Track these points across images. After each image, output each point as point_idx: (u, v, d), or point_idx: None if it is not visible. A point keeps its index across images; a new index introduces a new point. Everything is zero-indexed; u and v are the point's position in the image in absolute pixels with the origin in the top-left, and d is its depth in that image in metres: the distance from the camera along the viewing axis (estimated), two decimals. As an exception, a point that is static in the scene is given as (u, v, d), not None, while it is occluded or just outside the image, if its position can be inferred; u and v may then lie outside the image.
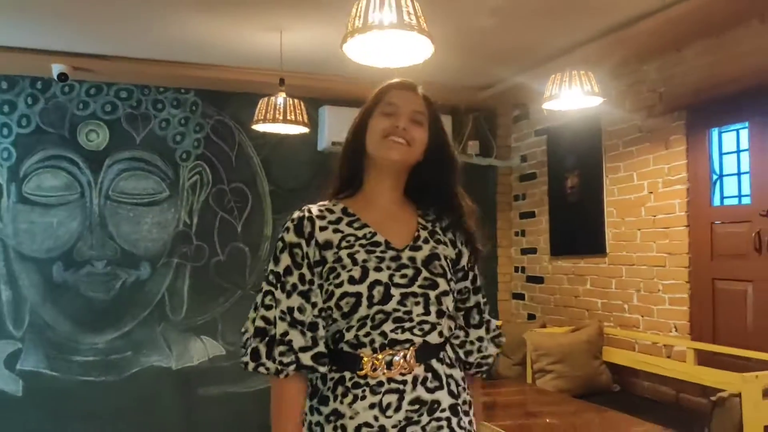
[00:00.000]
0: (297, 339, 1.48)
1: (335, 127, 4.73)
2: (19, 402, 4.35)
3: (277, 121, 3.61)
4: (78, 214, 4.50)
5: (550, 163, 4.94)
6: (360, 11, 2.20)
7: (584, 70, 3.35)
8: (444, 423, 1.49)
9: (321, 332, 1.50)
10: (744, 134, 3.48)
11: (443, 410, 1.50)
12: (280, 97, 3.66)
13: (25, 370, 4.37)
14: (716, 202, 3.64)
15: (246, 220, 4.86)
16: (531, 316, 5.10)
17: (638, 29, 3.43)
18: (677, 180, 3.80)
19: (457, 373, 1.58)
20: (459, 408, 1.54)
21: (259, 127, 3.79)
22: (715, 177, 3.66)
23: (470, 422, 1.58)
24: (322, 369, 1.49)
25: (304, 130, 3.77)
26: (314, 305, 1.50)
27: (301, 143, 4.70)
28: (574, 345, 4.03)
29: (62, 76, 4.12)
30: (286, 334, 1.48)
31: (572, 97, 3.33)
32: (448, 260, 1.58)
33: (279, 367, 1.47)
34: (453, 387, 1.54)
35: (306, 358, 1.48)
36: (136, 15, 3.45)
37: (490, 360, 1.67)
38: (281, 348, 1.48)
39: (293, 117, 3.63)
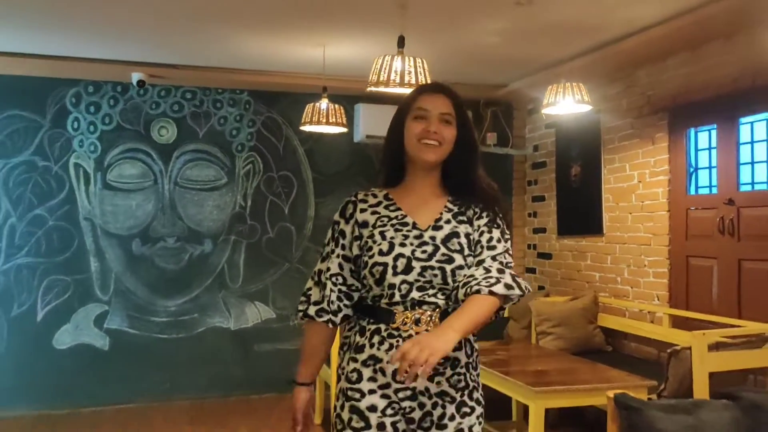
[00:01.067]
0: (315, 294, 1.86)
1: (369, 122, 5.43)
2: (105, 355, 5.23)
3: (321, 124, 4.35)
4: (152, 198, 5.33)
5: (558, 153, 5.59)
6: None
7: (576, 82, 4.00)
8: (462, 377, 1.80)
9: (334, 294, 1.83)
10: (714, 134, 4.10)
11: (462, 366, 1.80)
12: (323, 103, 4.40)
13: (111, 329, 5.25)
14: (692, 191, 4.27)
15: (292, 203, 5.64)
16: (541, 287, 5.79)
17: (625, 45, 4.06)
18: (661, 171, 4.44)
19: (471, 336, 1.85)
20: (471, 365, 1.84)
21: (306, 128, 4.54)
22: (691, 170, 4.29)
23: (478, 375, 1.88)
24: (319, 320, 1.83)
25: (343, 130, 4.50)
26: (340, 270, 1.84)
27: (339, 136, 5.38)
28: (571, 311, 4.73)
29: (141, 83, 4.92)
30: (309, 289, 1.88)
31: (566, 105, 3.99)
32: (469, 238, 1.81)
33: (303, 313, 1.87)
34: (468, 348, 1.83)
35: (312, 310, 1.85)
36: (199, 32, 4.18)
37: (494, 281, 1.71)
38: (302, 299, 1.88)
39: (334, 120, 4.36)
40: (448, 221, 1.83)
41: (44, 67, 4.80)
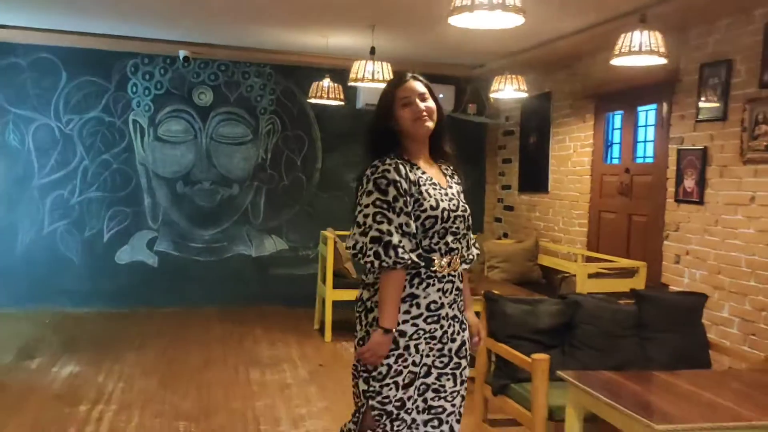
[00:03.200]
0: (407, 244, 2.09)
1: (367, 92, 6.67)
2: (155, 271, 6.71)
3: (323, 98, 5.64)
4: (193, 149, 6.71)
5: (521, 124, 6.80)
6: None
7: (516, 74, 5.21)
8: (462, 302, 2.31)
9: (416, 241, 2.13)
10: (621, 118, 5.29)
11: (461, 293, 2.30)
12: (326, 81, 5.67)
13: (159, 250, 6.71)
14: (606, 161, 5.49)
15: (303, 157, 6.97)
16: (505, 234, 7.09)
17: (557, 45, 5.24)
18: (588, 144, 5.66)
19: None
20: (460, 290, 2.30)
21: (312, 101, 5.83)
22: (607, 144, 5.50)
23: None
24: (422, 263, 2.12)
25: (341, 104, 5.79)
26: (413, 222, 2.12)
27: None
28: (515, 251, 6.02)
29: (186, 58, 6.25)
30: (401, 241, 2.07)
31: (507, 92, 5.21)
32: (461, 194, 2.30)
33: (398, 261, 2.06)
34: (459, 278, 2.28)
35: (414, 257, 2.10)
36: (232, 20, 5.40)
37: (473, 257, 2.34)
38: (399, 250, 2.06)
39: (334, 95, 5.65)
40: (449, 181, 2.29)
41: (111, 43, 6.14)
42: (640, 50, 3.54)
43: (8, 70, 6.26)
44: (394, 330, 2.10)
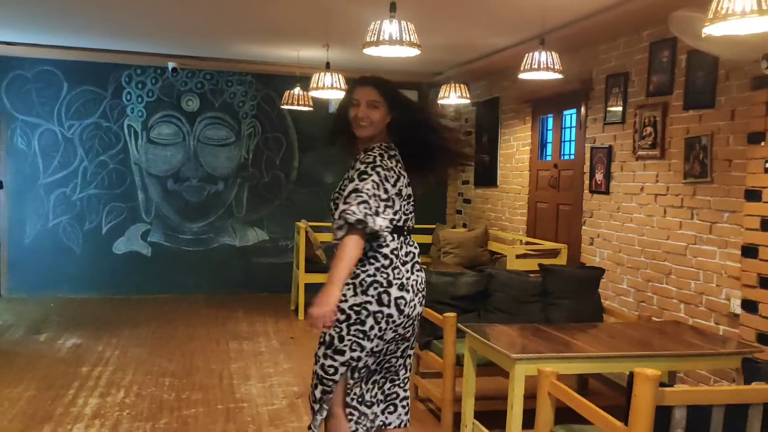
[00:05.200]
0: (388, 216, 2.49)
1: (339, 99, 7.45)
2: (148, 260, 7.48)
3: (294, 105, 6.41)
4: (181, 150, 7.48)
5: (477, 125, 7.57)
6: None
7: (460, 83, 5.97)
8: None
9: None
10: (551, 120, 6.07)
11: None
12: (297, 90, 6.44)
13: (152, 241, 7.49)
14: (541, 158, 6.26)
15: (282, 156, 7.74)
16: (464, 225, 7.86)
17: (494, 58, 6.00)
18: (527, 144, 6.43)
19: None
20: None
21: (285, 107, 6.60)
22: (542, 143, 6.27)
23: (346, 286, 2.54)
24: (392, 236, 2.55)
25: (310, 109, 6.55)
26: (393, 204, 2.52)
27: (317, 107, 7.42)
28: (467, 238, 6.79)
29: (174, 70, 7.02)
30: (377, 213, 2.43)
31: (453, 98, 5.98)
32: (346, 181, 2.57)
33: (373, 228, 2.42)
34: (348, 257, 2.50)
35: (385, 228, 2.49)
36: (216, 36, 6.19)
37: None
38: (378, 219, 2.42)
39: (304, 102, 6.41)
40: (349, 172, 2.61)
41: (107, 56, 6.91)
42: (539, 67, 4.31)
43: (15, 81, 7.03)
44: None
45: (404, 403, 2.81)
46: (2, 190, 7.05)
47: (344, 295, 2.50)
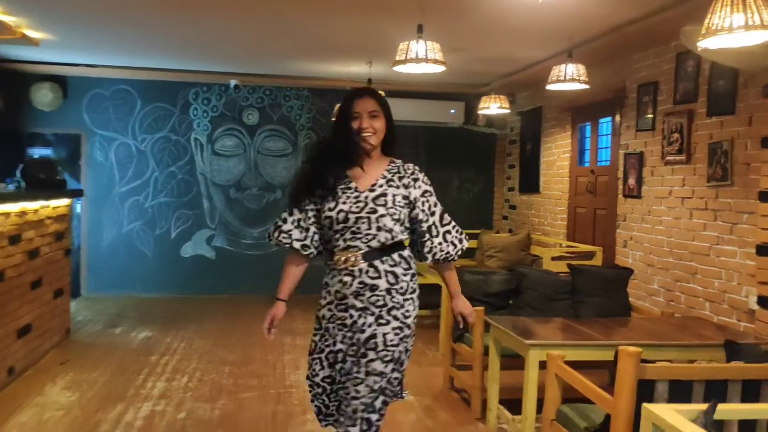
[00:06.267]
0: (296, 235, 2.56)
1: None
2: (213, 262, 8.06)
3: (344, 117, 6.84)
4: (243, 161, 8.05)
5: (521, 134, 7.83)
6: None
7: (504, 94, 6.28)
8: (381, 297, 2.46)
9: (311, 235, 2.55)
10: (589, 128, 6.29)
11: (380, 290, 2.45)
12: (347, 103, 6.87)
13: (216, 246, 8.07)
14: (580, 164, 6.48)
15: (335, 166, 8.19)
16: (510, 230, 8.12)
17: (533, 69, 6.28)
18: (567, 150, 6.66)
19: (399, 270, 2.48)
20: (394, 290, 2.46)
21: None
22: (581, 150, 6.49)
23: (405, 299, 2.49)
24: (304, 252, 2.57)
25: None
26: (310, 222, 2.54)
27: (367, 120, 7.88)
28: (510, 243, 7.05)
29: (236, 87, 7.59)
30: (288, 229, 2.56)
31: (493, 109, 6.29)
32: (396, 197, 2.47)
33: (276, 242, 2.60)
34: (391, 278, 2.46)
35: (297, 244, 2.56)
36: (274, 56, 6.74)
37: (450, 253, 2.60)
38: (283, 235, 2.56)
39: (353, 114, 6.84)
40: (381, 185, 2.49)
41: (176, 75, 7.55)
42: (566, 78, 4.59)
43: (95, 99, 7.75)
44: (279, 297, 2.75)
45: None
46: (83, 199, 7.77)
47: (408, 310, 2.52)
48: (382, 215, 2.44)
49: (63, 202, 5.47)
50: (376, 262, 2.45)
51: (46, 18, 5.22)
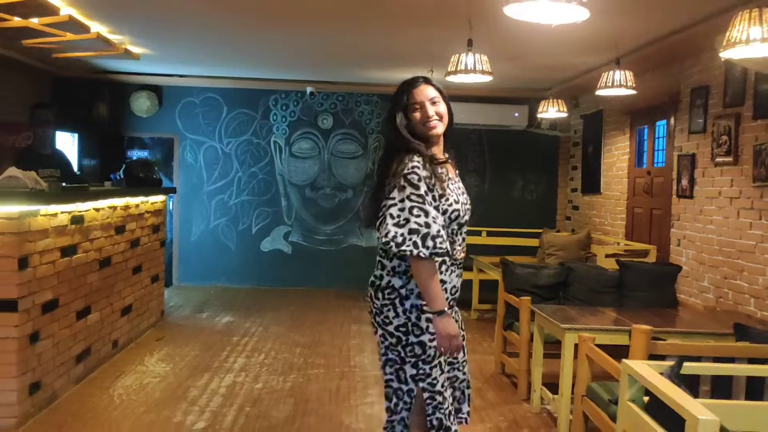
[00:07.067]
0: (445, 234, 2.26)
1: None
2: (289, 257, 8.69)
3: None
4: (318, 162, 8.64)
5: (584, 136, 8.05)
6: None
7: (565, 98, 6.56)
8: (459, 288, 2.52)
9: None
10: (646, 131, 6.48)
11: None
12: (413, 108, 7.32)
13: (293, 241, 8.69)
14: (638, 166, 6.68)
15: (404, 167, 8.65)
16: (573, 230, 8.34)
17: (590, 75, 6.53)
18: (626, 152, 6.86)
19: None
20: None
21: (403, 123, 7.52)
22: (639, 152, 6.68)
23: None
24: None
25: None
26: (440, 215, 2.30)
27: (434, 124, 8.30)
28: (570, 241, 7.30)
29: (312, 94, 8.19)
30: (439, 231, 2.24)
31: (551, 113, 6.58)
32: None
33: (435, 251, 2.22)
34: None
35: (448, 246, 2.29)
36: (346, 65, 7.28)
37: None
38: (438, 240, 2.21)
39: (419, 118, 7.28)
40: (458, 177, 2.52)
41: (258, 84, 8.22)
42: (614, 84, 4.87)
43: (186, 106, 8.52)
44: (447, 308, 2.27)
45: None
46: (175, 196, 8.55)
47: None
48: (469, 208, 2.48)
49: (159, 199, 6.17)
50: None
51: (145, 35, 5.94)
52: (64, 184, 4.45)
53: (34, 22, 4.89)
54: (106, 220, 4.87)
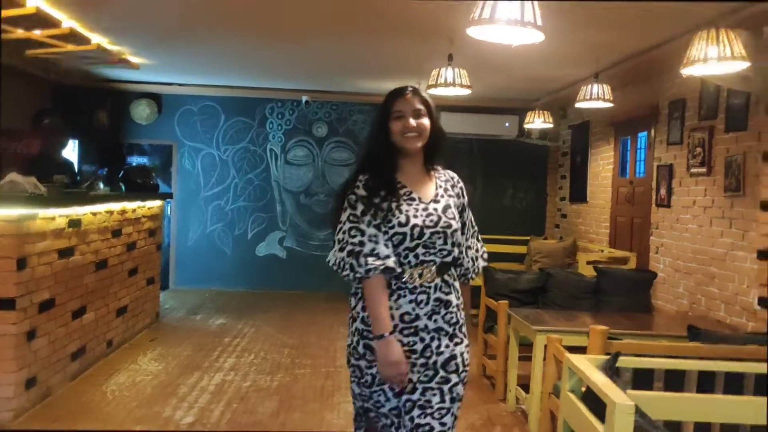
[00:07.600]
0: (382, 250, 2.13)
1: (448, 122, 8.46)
2: (284, 261, 8.88)
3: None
4: (312, 170, 8.84)
5: (572, 146, 8.25)
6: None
7: (552, 110, 6.76)
8: (453, 314, 2.24)
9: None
10: (629, 142, 6.67)
11: (453, 306, 2.25)
12: (405, 118, 7.53)
13: (287, 246, 8.89)
14: (621, 175, 6.86)
15: (396, 175, 8.86)
16: (561, 238, 8.52)
17: (575, 87, 6.73)
18: (610, 162, 7.06)
19: (457, 284, 2.30)
20: (459, 306, 2.29)
21: (394, 132, 7.73)
22: (622, 162, 6.87)
23: (463, 314, 2.31)
24: (398, 268, 2.12)
25: (416, 133, 7.62)
26: (381, 234, 2.15)
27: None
28: (555, 249, 7.49)
29: (307, 103, 8.41)
30: (373, 249, 2.12)
31: (537, 123, 6.78)
32: (456, 207, 2.28)
33: (369, 270, 2.10)
34: (457, 293, 2.28)
35: (390, 262, 2.12)
36: (340, 74, 7.49)
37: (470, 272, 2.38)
38: (370, 259, 2.11)
39: (410, 128, 7.49)
40: (442, 195, 2.27)
41: (254, 92, 8.45)
42: (592, 97, 5.07)
43: (185, 114, 8.74)
44: (387, 333, 2.12)
45: None
46: (172, 201, 8.76)
47: (465, 324, 2.34)
48: (456, 230, 2.26)
49: (156, 204, 6.37)
50: (446, 276, 2.25)
51: (144, 46, 6.16)
52: (75, 189, 4.71)
53: (37, 33, 5.11)
54: (103, 224, 5.07)
